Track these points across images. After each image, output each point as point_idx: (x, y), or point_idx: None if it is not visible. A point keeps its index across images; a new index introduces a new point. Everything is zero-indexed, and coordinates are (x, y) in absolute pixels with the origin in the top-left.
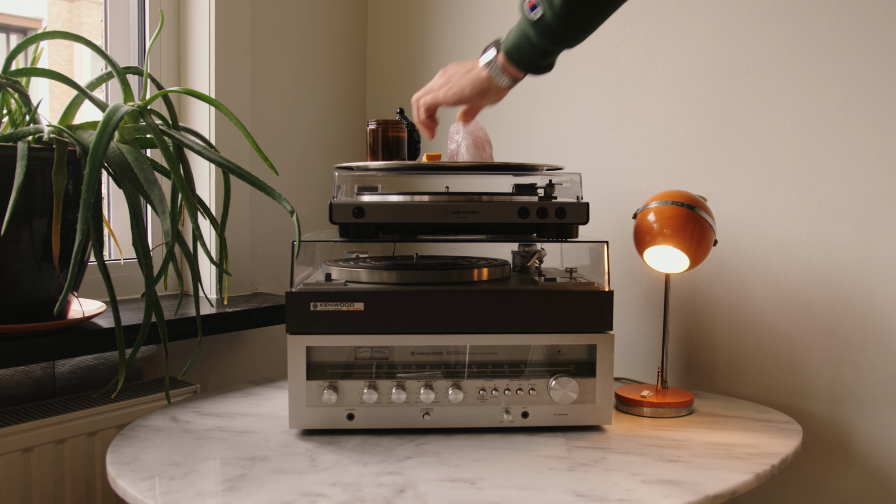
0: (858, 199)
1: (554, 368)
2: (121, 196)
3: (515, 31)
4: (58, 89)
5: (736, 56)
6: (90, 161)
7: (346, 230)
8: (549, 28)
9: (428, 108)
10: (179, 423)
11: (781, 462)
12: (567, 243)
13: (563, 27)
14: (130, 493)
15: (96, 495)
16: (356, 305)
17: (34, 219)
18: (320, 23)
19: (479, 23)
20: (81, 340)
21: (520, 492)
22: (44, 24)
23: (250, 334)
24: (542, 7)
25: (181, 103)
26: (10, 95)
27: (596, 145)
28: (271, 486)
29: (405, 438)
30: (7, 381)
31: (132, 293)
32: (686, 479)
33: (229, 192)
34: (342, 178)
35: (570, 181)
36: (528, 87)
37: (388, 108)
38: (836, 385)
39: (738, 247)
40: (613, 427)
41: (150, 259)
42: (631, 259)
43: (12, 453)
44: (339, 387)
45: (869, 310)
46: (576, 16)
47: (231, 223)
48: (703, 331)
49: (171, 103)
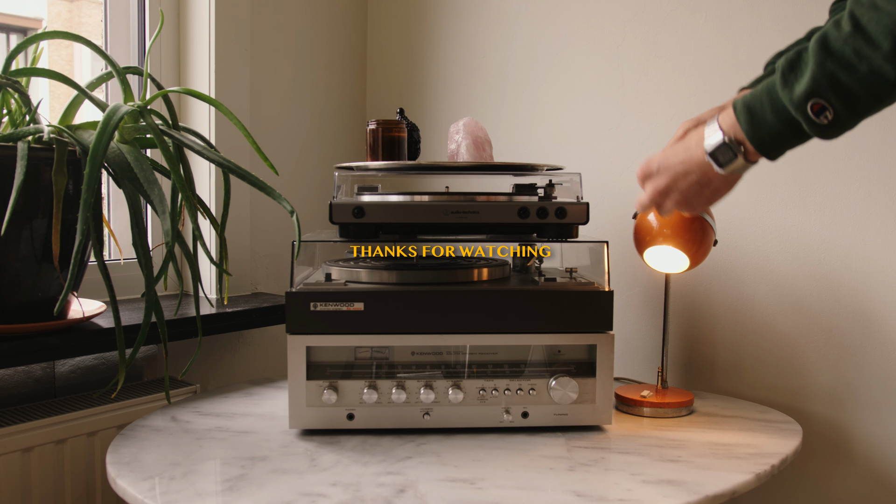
0: (858, 199)
1: (554, 368)
2: (121, 196)
3: (772, 118)
4: (58, 89)
5: (736, 56)
6: (90, 161)
7: (346, 230)
8: (840, 129)
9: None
10: (179, 423)
11: (781, 462)
12: (567, 243)
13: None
14: (130, 493)
15: (96, 495)
16: (356, 305)
17: (34, 219)
18: (320, 23)
19: (479, 23)
20: (81, 340)
21: (520, 492)
22: (44, 24)
23: (250, 334)
24: (838, 110)
25: (181, 103)
26: (10, 95)
27: (596, 145)
28: (271, 486)
29: (405, 438)
30: (7, 381)
31: (132, 293)
32: (686, 479)
33: (229, 192)
34: (342, 178)
35: (570, 181)
36: (528, 88)
37: (388, 108)
38: (836, 385)
39: (738, 247)
40: (613, 427)
41: (150, 259)
42: (631, 259)
43: (12, 453)
44: (339, 387)
45: (869, 310)
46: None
47: (231, 223)
48: (703, 331)
49: (171, 103)
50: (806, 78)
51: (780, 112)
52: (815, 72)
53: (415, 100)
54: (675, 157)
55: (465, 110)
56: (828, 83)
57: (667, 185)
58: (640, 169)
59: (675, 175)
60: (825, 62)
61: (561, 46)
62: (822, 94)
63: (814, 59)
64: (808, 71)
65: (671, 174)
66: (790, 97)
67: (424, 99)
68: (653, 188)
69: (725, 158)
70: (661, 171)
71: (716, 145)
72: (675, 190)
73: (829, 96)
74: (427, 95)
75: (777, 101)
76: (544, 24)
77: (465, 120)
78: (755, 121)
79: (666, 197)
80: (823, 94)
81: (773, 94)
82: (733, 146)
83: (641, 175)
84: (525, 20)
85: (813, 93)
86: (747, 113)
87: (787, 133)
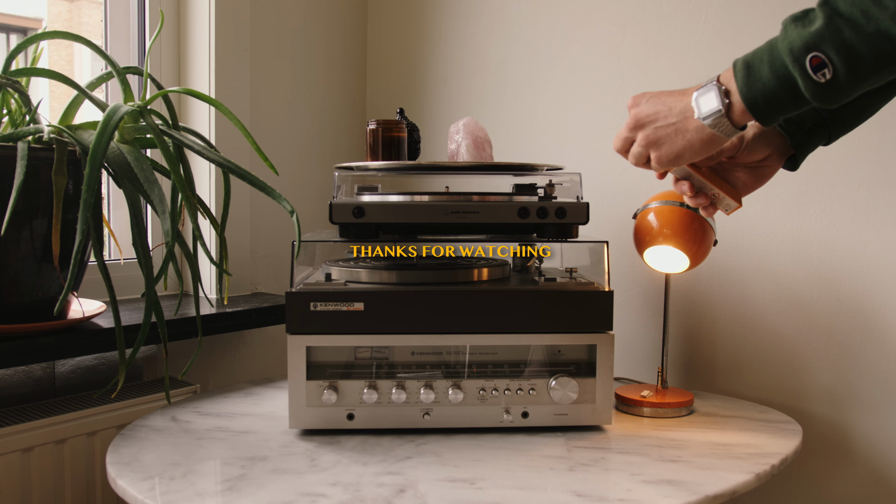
0: (858, 199)
1: (554, 368)
2: (121, 196)
3: (768, 75)
4: (58, 89)
5: (736, 56)
6: (90, 161)
7: (346, 230)
8: (837, 93)
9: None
10: (179, 423)
11: (781, 462)
12: (567, 243)
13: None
14: (130, 493)
15: (96, 495)
16: (356, 305)
17: (34, 219)
18: (320, 23)
19: (480, 23)
20: (81, 340)
21: (520, 492)
22: (44, 24)
23: (250, 334)
24: (838, 68)
25: (181, 103)
26: (10, 95)
27: (596, 145)
28: (271, 486)
29: (405, 438)
30: (7, 381)
31: (132, 293)
32: (686, 479)
33: (229, 192)
34: (342, 178)
35: (570, 181)
36: (528, 88)
37: (388, 108)
38: (836, 385)
39: (738, 247)
40: (613, 427)
41: (150, 259)
42: (631, 259)
43: (12, 453)
44: (339, 387)
45: (869, 310)
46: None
47: (231, 223)
48: (703, 331)
49: (171, 103)
50: (809, 31)
51: (778, 69)
52: (820, 26)
53: (415, 100)
54: (668, 96)
55: (465, 110)
56: (831, 37)
57: (647, 115)
58: (632, 97)
59: (657, 109)
60: (832, 18)
61: (561, 46)
62: (823, 48)
63: (820, 14)
64: (813, 26)
65: (655, 106)
66: (790, 48)
67: (424, 99)
68: (634, 114)
69: (708, 107)
70: (650, 100)
71: (705, 92)
72: (652, 125)
73: (829, 51)
74: (427, 95)
75: (776, 56)
76: (544, 24)
77: (465, 120)
78: (752, 77)
79: (640, 129)
80: (824, 49)
81: (773, 50)
82: (719, 95)
83: (632, 101)
84: (525, 20)
85: (814, 45)
86: (745, 69)
87: (781, 94)
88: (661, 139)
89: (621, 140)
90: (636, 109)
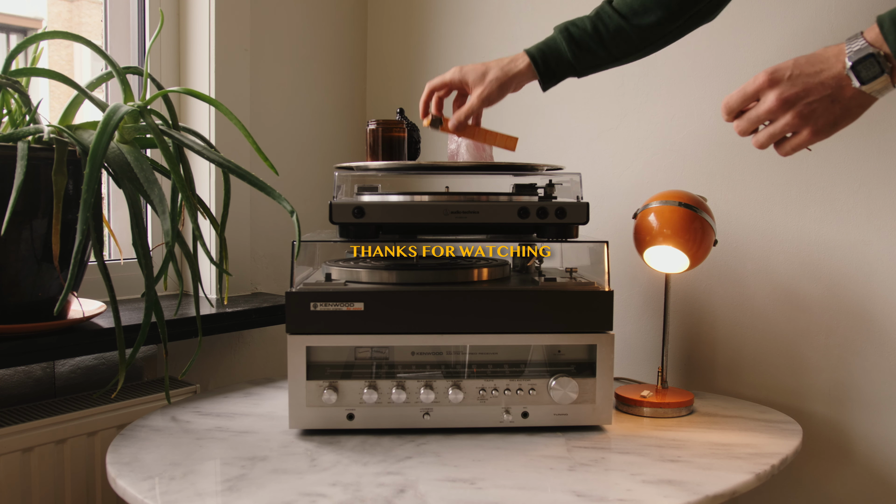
0: (858, 199)
1: (554, 368)
2: (121, 196)
3: None
4: (58, 89)
5: (736, 56)
6: (90, 161)
7: (346, 230)
8: None
9: None
10: (179, 423)
11: (781, 462)
12: (567, 243)
13: None
14: (130, 493)
15: (96, 495)
16: (356, 305)
17: (34, 219)
18: (320, 23)
19: (480, 23)
20: (81, 340)
21: (520, 492)
22: (44, 24)
23: (250, 334)
24: None
25: (181, 103)
26: (10, 95)
27: (596, 145)
28: (271, 486)
29: (405, 438)
30: (7, 381)
31: (132, 293)
32: (686, 479)
33: (229, 192)
34: (342, 178)
35: (570, 181)
36: (528, 88)
37: (388, 108)
38: (836, 385)
39: (738, 247)
40: (613, 427)
41: (150, 259)
42: (631, 259)
43: (12, 453)
44: (339, 387)
45: (869, 310)
46: None
47: (231, 223)
48: (703, 331)
49: (171, 103)
50: None
51: None
52: None
53: (415, 100)
54: (811, 67)
55: None
56: None
57: (795, 94)
58: (765, 77)
59: (807, 85)
60: None
61: None
62: None
63: None
64: None
65: (804, 83)
66: None
67: None
68: (777, 95)
69: (869, 74)
70: (793, 77)
71: (860, 58)
72: (802, 102)
73: None
74: None
75: None
76: (544, 24)
77: None
78: None
79: (789, 109)
80: None
81: None
82: (880, 60)
83: (767, 80)
84: (525, 20)
85: None
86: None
87: None
88: (817, 111)
89: (752, 121)
90: (779, 91)
